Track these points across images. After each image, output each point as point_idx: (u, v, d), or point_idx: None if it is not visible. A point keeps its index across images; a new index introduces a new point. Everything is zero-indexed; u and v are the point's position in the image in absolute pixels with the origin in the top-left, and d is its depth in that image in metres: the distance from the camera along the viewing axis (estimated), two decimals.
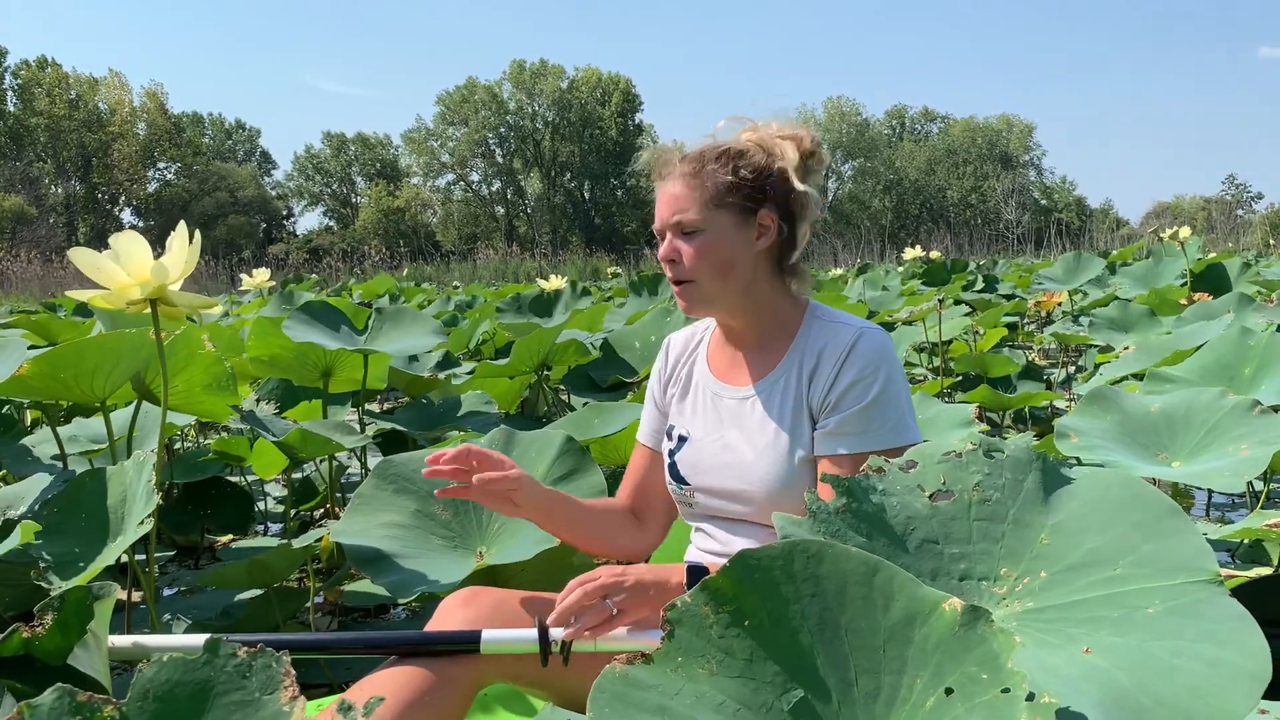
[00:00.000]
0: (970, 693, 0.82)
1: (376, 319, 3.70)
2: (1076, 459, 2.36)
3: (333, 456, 3.33)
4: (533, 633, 1.41)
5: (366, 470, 4.04)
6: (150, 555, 2.14)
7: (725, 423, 1.65)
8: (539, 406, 4.41)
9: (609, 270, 15.96)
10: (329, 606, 2.90)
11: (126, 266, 1.90)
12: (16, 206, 40.41)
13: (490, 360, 4.51)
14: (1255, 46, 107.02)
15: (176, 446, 4.16)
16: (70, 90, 47.54)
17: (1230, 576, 1.81)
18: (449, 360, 4.82)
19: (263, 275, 6.50)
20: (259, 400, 4.00)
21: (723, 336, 1.73)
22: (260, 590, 2.63)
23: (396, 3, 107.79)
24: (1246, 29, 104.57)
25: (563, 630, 1.40)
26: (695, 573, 1.46)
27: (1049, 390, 4.54)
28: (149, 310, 1.97)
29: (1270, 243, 21.18)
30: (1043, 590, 1.06)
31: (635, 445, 1.84)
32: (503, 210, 57.89)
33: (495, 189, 58.00)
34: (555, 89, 54.43)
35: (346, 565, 2.96)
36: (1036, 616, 1.04)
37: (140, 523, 1.78)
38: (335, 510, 3.52)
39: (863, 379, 1.53)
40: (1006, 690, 0.80)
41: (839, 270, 15.56)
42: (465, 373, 4.59)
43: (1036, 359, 7.19)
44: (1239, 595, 0.99)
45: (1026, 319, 8.27)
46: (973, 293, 8.92)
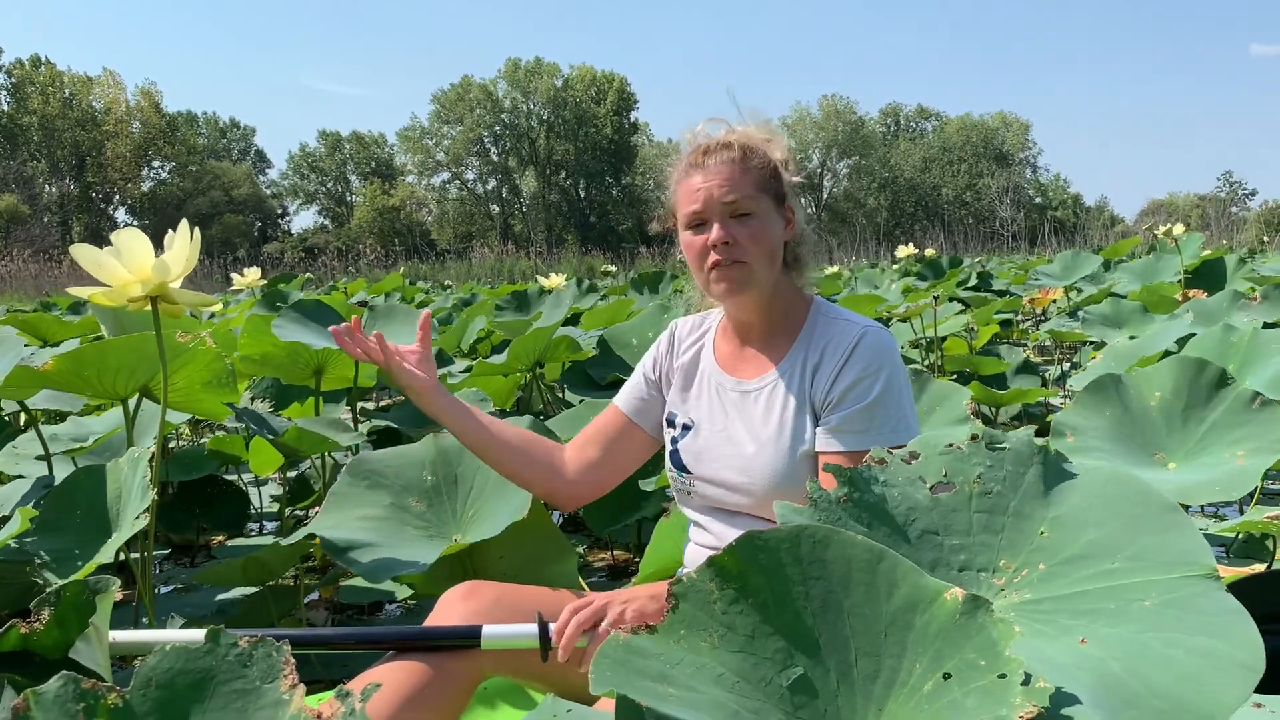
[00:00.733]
0: (968, 678, 0.83)
1: (369, 317, 3.69)
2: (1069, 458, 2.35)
3: (326, 455, 3.32)
4: (533, 628, 1.41)
5: None
6: (146, 553, 2.13)
7: (729, 414, 1.66)
8: (534, 403, 4.40)
9: (603, 269, 15.96)
10: (323, 604, 2.90)
11: (128, 263, 1.90)
12: (10, 206, 40.34)
13: (485, 359, 4.50)
14: (1247, 43, 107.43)
15: (171, 445, 4.15)
16: (64, 89, 47.43)
17: (1231, 573, 1.82)
18: (441, 358, 4.80)
19: (254, 274, 6.49)
20: (253, 399, 3.99)
21: (728, 328, 1.73)
22: (255, 588, 2.63)
23: (392, 2, 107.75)
24: (1238, 26, 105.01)
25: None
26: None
27: (1043, 387, 4.55)
28: (149, 307, 1.98)
29: (1265, 239, 21.24)
30: (1041, 582, 1.07)
31: (609, 405, 1.83)
32: (498, 209, 57.88)
33: (490, 188, 58.01)
34: (550, 87, 54.42)
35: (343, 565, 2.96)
36: (1034, 608, 1.04)
37: (136, 518, 1.77)
38: None
39: (866, 377, 1.54)
40: (1003, 676, 0.80)
41: (834, 268, 15.58)
42: (461, 371, 4.58)
43: (1032, 356, 7.20)
44: (1236, 592, 1.00)
45: (1021, 316, 8.29)
46: (967, 290, 8.93)
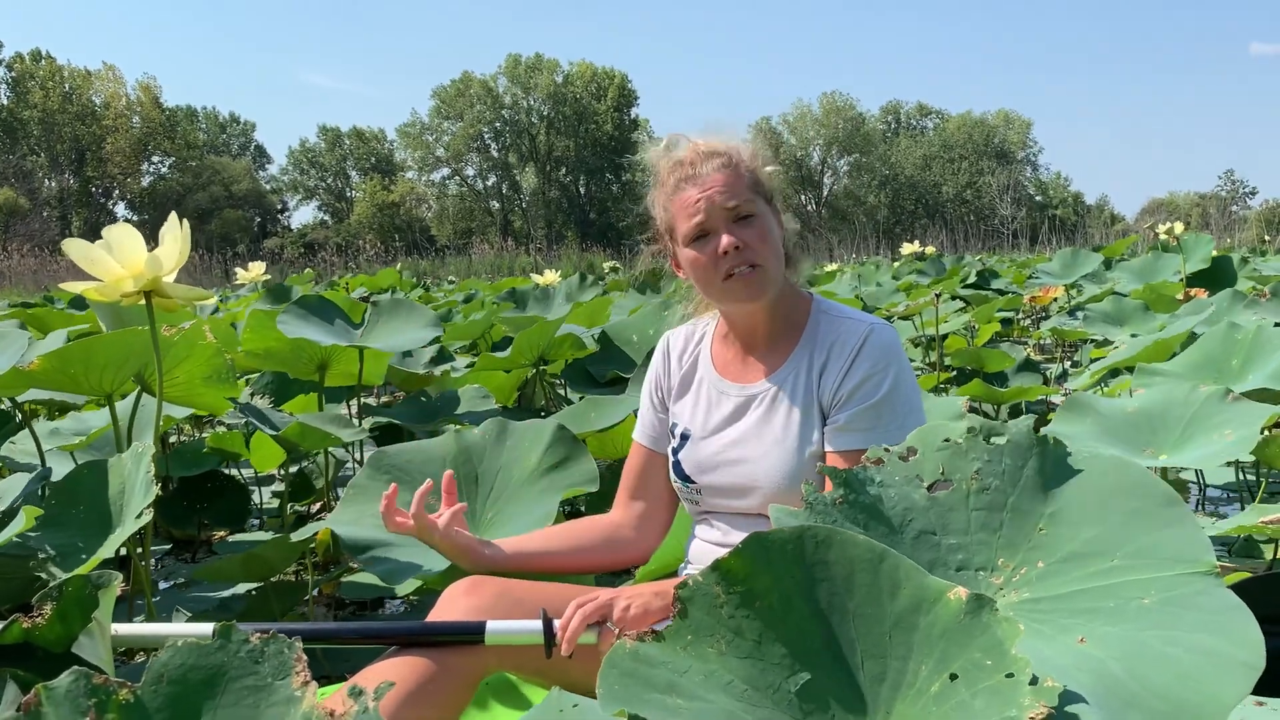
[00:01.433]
0: (975, 678, 0.82)
1: (373, 313, 3.69)
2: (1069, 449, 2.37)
3: (329, 451, 3.32)
4: (537, 624, 1.41)
5: (361, 465, 4.03)
6: (146, 548, 2.14)
7: (730, 420, 1.65)
8: (536, 400, 4.41)
9: (606, 266, 15.90)
10: (325, 600, 2.90)
11: (120, 258, 1.90)
12: (10, 200, 40.29)
13: (489, 354, 4.50)
14: (1246, 42, 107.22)
15: (172, 440, 4.15)
16: (64, 83, 47.33)
17: (1226, 571, 1.82)
18: (443, 355, 4.80)
19: (258, 269, 6.49)
20: (253, 394, 3.99)
21: (728, 335, 1.71)
22: (256, 584, 2.63)
23: None
24: (1237, 25, 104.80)
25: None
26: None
27: (1044, 385, 4.54)
28: (144, 302, 1.98)
29: (1266, 238, 21.22)
30: (1039, 580, 1.06)
31: (632, 445, 1.82)
32: (498, 205, 57.78)
33: (490, 184, 57.90)
34: (550, 83, 54.30)
35: (345, 561, 2.96)
36: (1033, 607, 1.03)
37: (139, 514, 1.77)
38: (332, 505, 3.51)
39: (873, 375, 1.54)
40: (1010, 675, 0.80)
41: (834, 265, 15.58)
42: (464, 366, 4.58)
43: (1032, 354, 7.20)
44: (1238, 592, 0.99)
45: (1022, 314, 8.28)
46: (967, 288, 8.92)
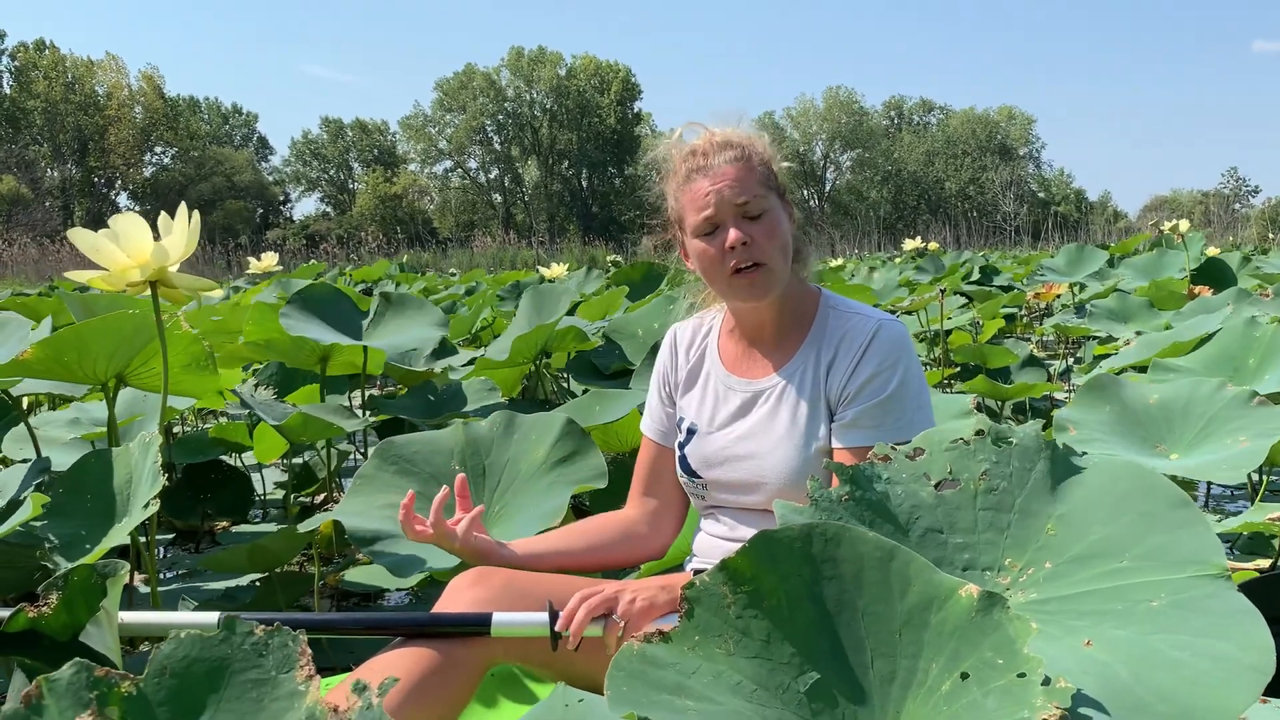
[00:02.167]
0: (986, 677, 0.82)
1: (381, 306, 3.68)
2: (1081, 452, 2.36)
3: (331, 442, 3.32)
4: (543, 616, 1.41)
5: (365, 457, 4.02)
6: (151, 538, 2.14)
7: (737, 415, 1.64)
8: (540, 392, 4.40)
9: (608, 259, 15.87)
10: (327, 591, 2.90)
11: (126, 248, 1.89)
12: (12, 189, 40.24)
13: (488, 348, 4.49)
14: (1249, 39, 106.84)
15: (176, 431, 4.15)
16: (67, 73, 47.25)
17: (1232, 570, 1.82)
18: (444, 349, 4.78)
19: (270, 259, 6.47)
20: (257, 385, 3.99)
21: (735, 329, 1.70)
22: (259, 575, 2.64)
23: None
24: (1240, 22, 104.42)
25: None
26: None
27: (1048, 381, 4.53)
28: (148, 292, 1.97)
29: (1270, 236, 21.16)
30: (1047, 581, 1.05)
31: (642, 441, 1.81)
32: (500, 198, 57.69)
33: (493, 176, 57.81)
34: (553, 76, 54.17)
35: (352, 552, 2.97)
36: (1040, 608, 1.03)
37: (146, 505, 1.77)
38: (335, 496, 3.51)
39: (882, 371, 1.53)
40: (1022, 675, 0.79)
41: (837, 261, 15.56)
42: (463, 364, 4.56)
43: (1036, 350, 7.18)
44: (1247, 593, 0.99)
45: (1025, 310, 8.27)
46: (970, 284, 8.91)
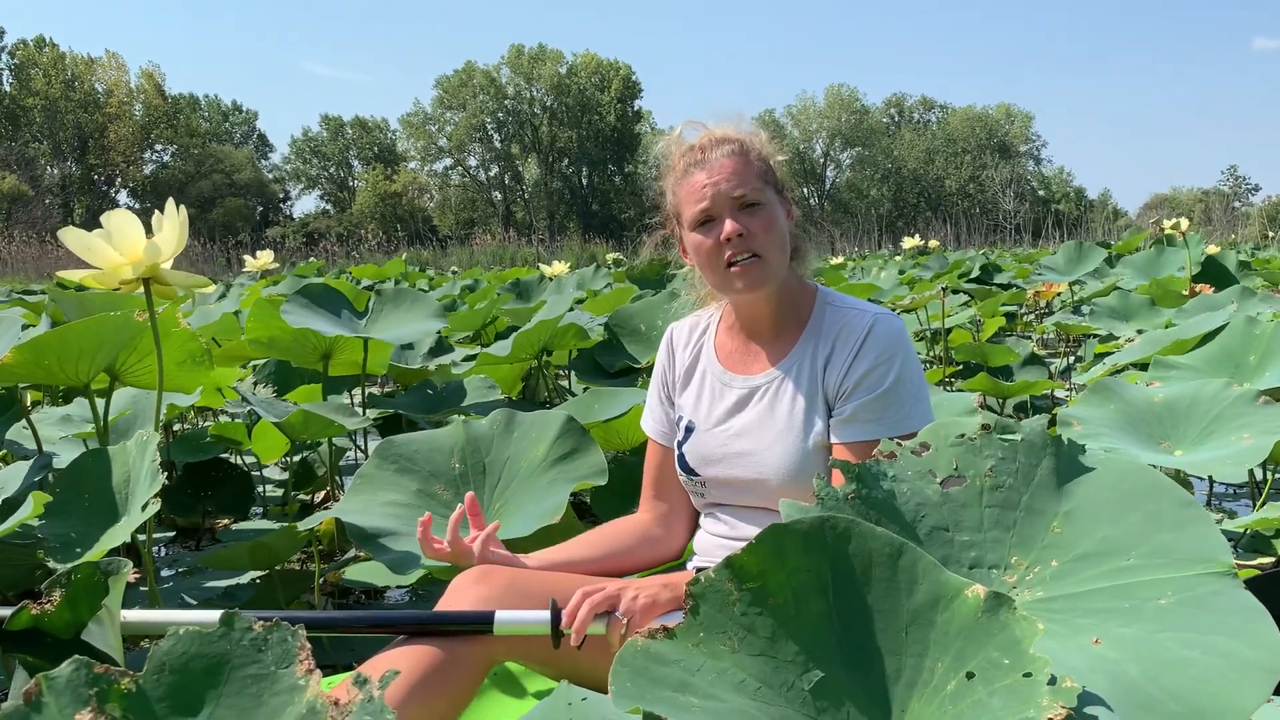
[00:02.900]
0: (992, 677, 0.82)
1: (377, 302, 3.67)
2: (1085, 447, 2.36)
3: (332, 440, 3.32)
4: (545, 614, 1.41)
5: (365, 456, 4.02)
6: (149, 536, 2.13)
7: (734, 411, 1.64)
8: (540, 391, 4.40)
9: (609, 257, 15.87)
10: (327, 588, 2.90)
11: (119, 246, 1.88)
12: (12, 187, 40.22)
13: (491, 343, 4.49)
14: (1249, 37, 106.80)
15: (176, 429, 4.15)
16: (67, 70, 47.23)
17: (1239, 567, 1.81)
18: (442, 346, 4.77)
19: (266, 257, 6.45)
20: (256, 383, 3.99)
21: (733, 326, 1.70)
22: (260, 572, 2.63)
23: None
24: (1240, 20, 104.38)
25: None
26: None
27: (1049, 379, 4.53)
28: (141, 290, 1.96)
29: (1269, 234, 21.15)
30: (1053, 579, 1.05)
31: (648, 444, 1.81)
32: (500, 196, 57.68)
33: (493, 174, 57.82)
34: (554, 74, 54.17)
35: (352, 550, 2.96)
36: (1046, 606, 1.02)
37: (145, 505, 1.77)
38: (335, 494, 3.51)
39: (879, 365, 1.53)
40: (1028, 675, 0.79)
41: (838, 259, 15.56)
42: (461, 359, 4.56)
43: (1036, 348, 7.18)
44: (1255, 590, 0.98)
45: (1025, 309, 8.27)
46: (971, 282, 8.91)
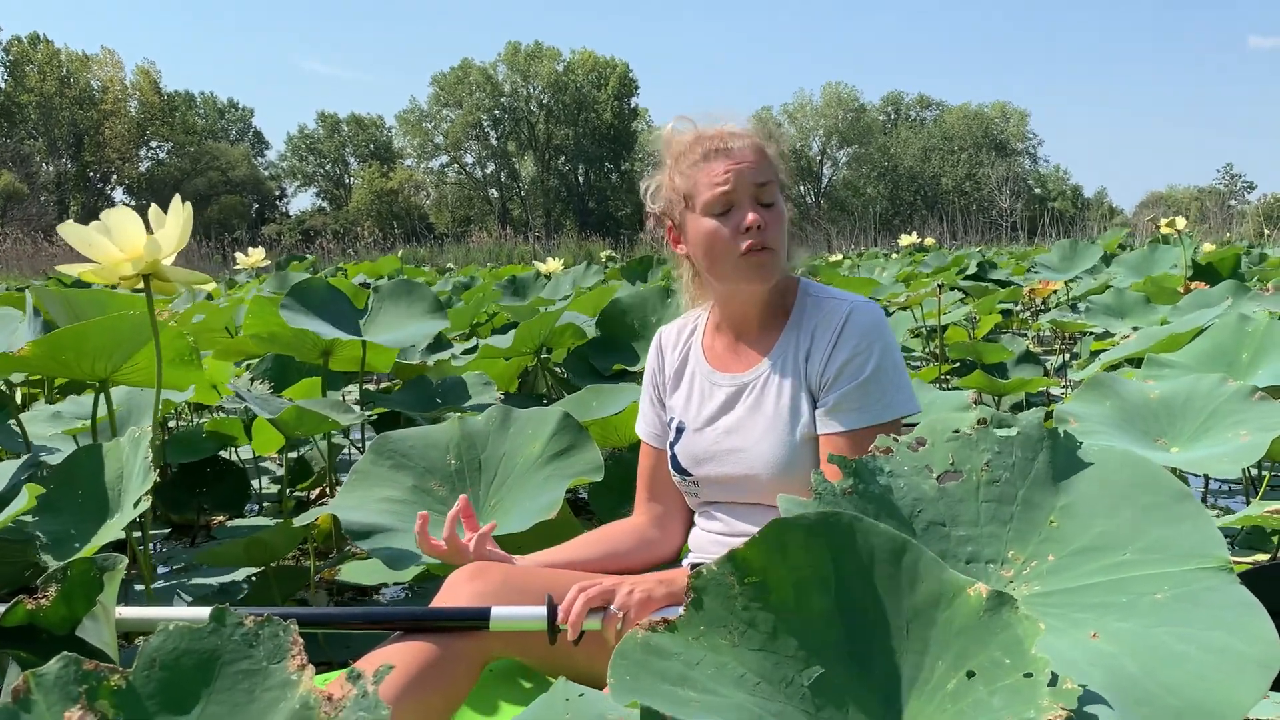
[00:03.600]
0: (993, 676, 0.81)
1: (375, 299, 3.67)
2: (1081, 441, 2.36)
3: (329, 436, 3.31)
4: (542, 610, 1.41)
5: (362, 451, 4.01)
6: (145, 533, 2.13)
7: (723, 410, 1.65)
8: (538, 387, 4.39)
9: (604, 255, 15.89)
10: (323, 584, 2.89)
11: (119, 242, 1.87)
12: (7, 184, 40.10)
13: (490, 341, 4.47)
14: (1245, 35, 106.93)
15: (172, 425, 4.14)
16: (62, 67, 47.11)
17: (1234, 563, 1.81)
18: (440, 342, 4.76)
19: (258, 255, 6.44)
20: (254, 379, 3.98)
21: (720, 324, 1.71)
22: (256, 569, 2.63)
23: None
24: (1236, 18, 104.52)
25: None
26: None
27: (1045, 377, 4.53)
28: (141, 286, 1.95)
29: (1265, 233, 21.19)
30: (1050, 574, 1.05)
31: (641, 447, 1.82)
32: (496, 193, 57.61)
33: (489, 171, 57.74)
34: (550, 71, 54.09)
35: (348, 546, 2.96)
36: (1044, 600, 1.03)
37: (137, 501, 1.76)
38: (332, 490, 3.50)
39: (858, 354, 1.53)
40: (1029, 675, 0.79)
41: (835, 256, 15.57)
42: (460, 353, 4.55)
43: (1032, 345, 7.19)
44: (1247, 581, 0.99)
45: (1021, 306, 8.27)
46: (967, 279, 8.92)
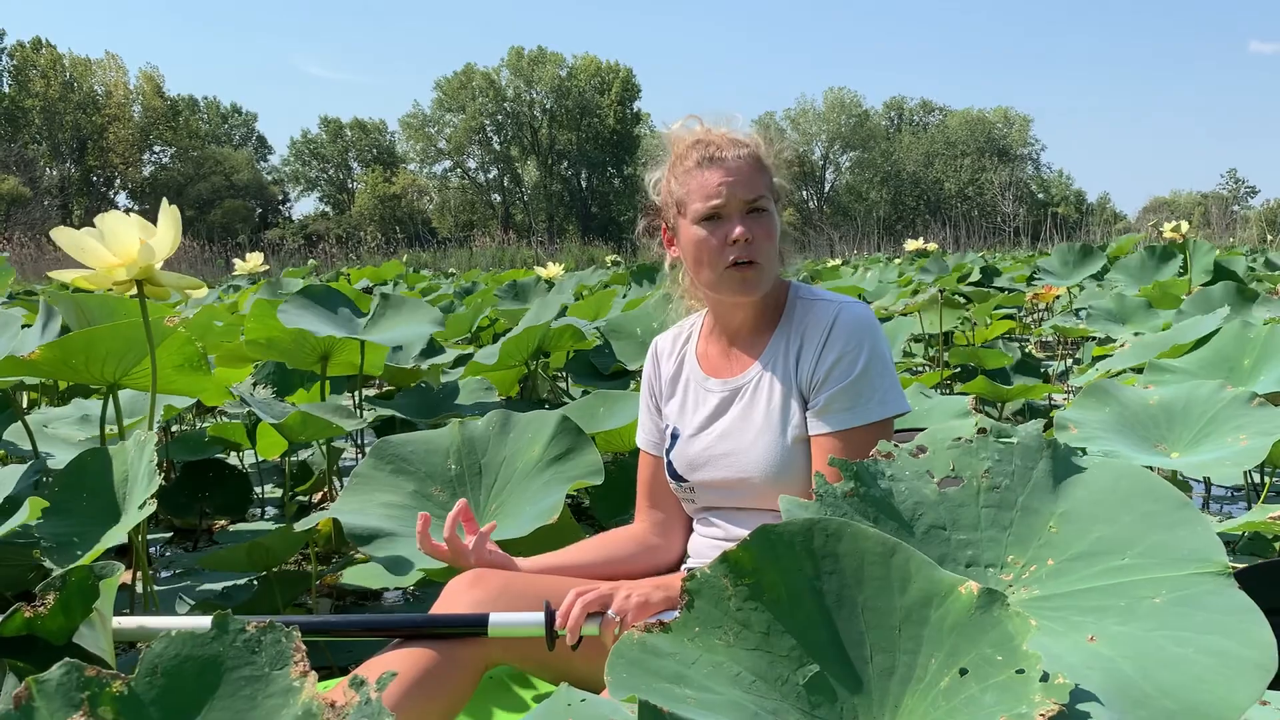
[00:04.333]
0: (985, 674, 0.82)
1: (379, 305, 3.68)
2: (1083, 449, 2.36)
3: (329, 441, 3.32)
4: (539, 616, 1.41)
5: (363, 455, 4.01)
6: (143, 537, 2.13)
7: (716, 415, 1.66)
8: (538, 392, 4.40)
9: (607, 259, 15.90)
10: (324, 590, 2.90)
11: (112, 247, 1.86)
12: (11, 189, 40.15)
13: (489, 345, 4.48)
14: (1246, 40, 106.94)
15: (175, 429, 4.15)
16: (65, 72, 47.22)
17: (1234, 569, 1.81)
18: (434, 347, 4.75)
19: (256, 259, 6.39)
20: (255, 384, 3.99)
21: (714, 330, 1.72)
22: (257, 573, 2.63)
23: None
24: (1237, 23, 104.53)
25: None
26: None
27: (1046, 383, 4.53)
28: (134, 291, 1.95)
29: (1268, 238, 21.17)
30: (1049, 578, 1.06)
31: (640, 455, 1.82)
32: (499, 198, 57.67)
33: (492, 176, 57.81)
34: (554, 76, 54.19)
35: (349, 551, 2.96)
36: (1043, 604, 1.03)
37: (142, 505, 1.76)
38: (333, 495, 3.51)
39: (847, 354, 1.54)
40: (1021, 671, 0.80)
41: (835, 261, 15.59)
42: (451, 364, 4.54)
43: (1035, 351, 7.20)
44: (1241, 580, 0.99)
45: (1024, 311, 8.28)
46: (969, 285, 8.92)
